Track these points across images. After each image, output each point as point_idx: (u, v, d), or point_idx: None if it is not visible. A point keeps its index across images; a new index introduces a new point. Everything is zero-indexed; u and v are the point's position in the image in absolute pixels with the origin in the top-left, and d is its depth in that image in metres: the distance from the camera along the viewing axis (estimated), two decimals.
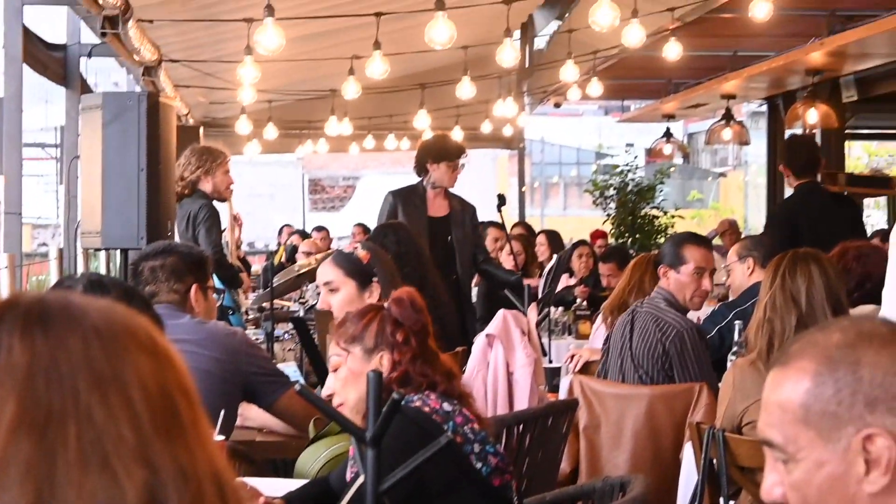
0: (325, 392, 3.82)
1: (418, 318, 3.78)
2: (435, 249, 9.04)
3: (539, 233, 15.16)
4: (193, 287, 4.99)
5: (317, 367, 5.48)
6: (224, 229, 8.88)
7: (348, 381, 3.74)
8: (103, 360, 1.30)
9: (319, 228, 19.08)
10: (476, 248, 9.40)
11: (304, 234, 18.65)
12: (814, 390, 1.95)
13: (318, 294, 10.15)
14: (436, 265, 8.85)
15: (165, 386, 1.33)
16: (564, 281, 12.35)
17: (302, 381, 6.15)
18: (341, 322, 3.86)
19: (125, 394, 1.29)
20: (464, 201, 9.35)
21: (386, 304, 3.84)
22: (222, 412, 4.10)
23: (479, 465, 3.60)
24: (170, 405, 1.32)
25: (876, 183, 12.77)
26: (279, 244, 19.07)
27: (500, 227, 11.88)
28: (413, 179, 9.35)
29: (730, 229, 16.41)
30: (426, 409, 3.60)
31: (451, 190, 9.28)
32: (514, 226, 15.02)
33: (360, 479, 2.95)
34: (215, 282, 5.57)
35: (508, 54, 9.36)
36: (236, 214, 9.25)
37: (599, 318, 8.16)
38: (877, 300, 5.86)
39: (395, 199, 9.15)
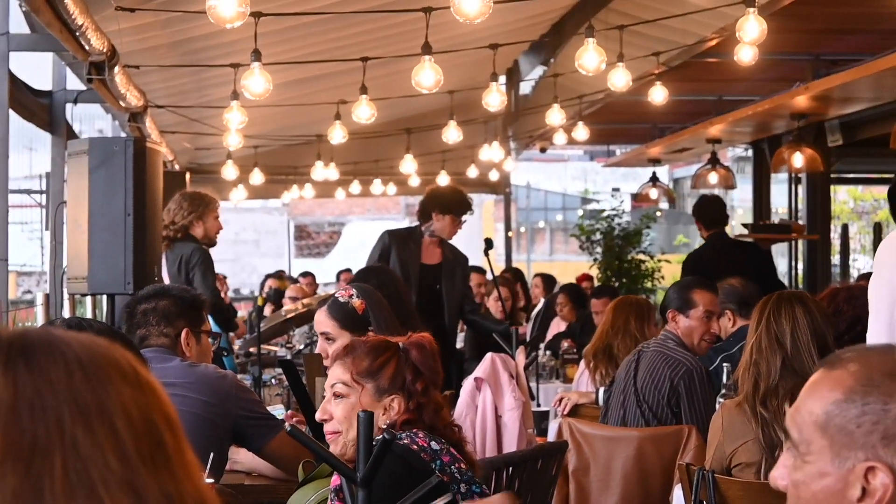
0: (320, 415, 3.79)
1: (436, 367, 3.78)
2: (422, 295, 9.04)
3: (535, 276, 15.20)
4: (184, 331, 4.97)
5: (305, 411, 5.45)
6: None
7: (354, 414, 3.71)
8: (87, 390, 1.29)
9: (305, 274, 19.06)
10: (464, 298, 9.41)
11: (280, 278, 18.60)
12: (841, 404, 1.98)
13: (307, 338, 10.15)
14: (422, 311, 8.88)
15: (149, 415, 1.33)
16: (555, 327, 12.32)
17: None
18: (349, 349, 3.82)
19: (110, 423, 1.28)
20: (457, 251, 9.38)
21: (402, 345, 3.81)
22: (211, 455, 4.08)
23: None
24: (154, 434, 1.32)
25: (777, 229, 14.54)
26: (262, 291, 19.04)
27: (484, 272, 11.88)
28: (399, 224, 9.37)
29: None
30: (414, 446, 3.58)
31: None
32: (503, 272, 15.02)
33: None
34: (212, 325, 5.52)
35: (494, 98, 9.37)
36: (222, 277, 9.28)
37: (583, 364, 8.15)
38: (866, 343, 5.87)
39: (390, 239, 9.16)
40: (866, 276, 12.01)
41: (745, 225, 14.47)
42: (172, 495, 1.29)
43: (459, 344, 11.27)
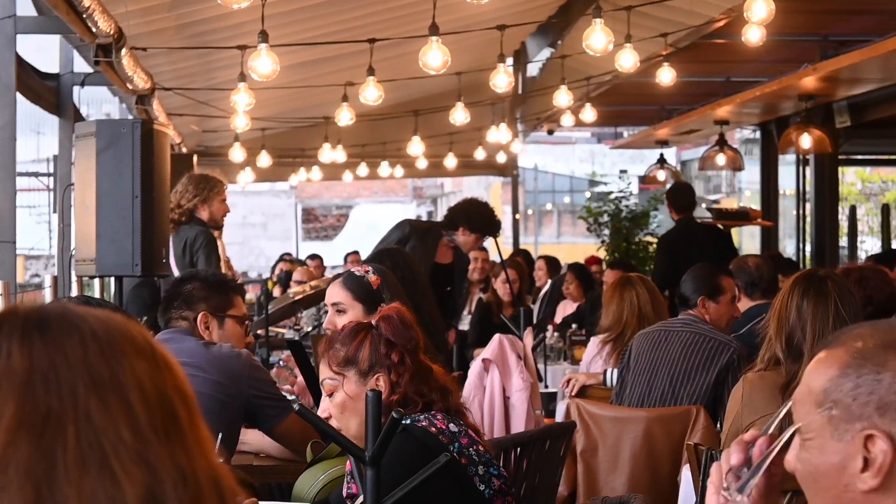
0: (321, 413, 3.78)
1: (410, 334, 3.74)
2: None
3: (539, 258, 15.18)
4: (201, 314, 4.98)
5: (314, 391, 5.45)
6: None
7: (346, 406, 3.68)
8: (101, 364, 1.31)
9: (313, 256, 19.05)
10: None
11: (292, 261, 18.62)
12: (837, 380, 2.02)
13: (314, 320, 10.16)
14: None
15: (163, 389, 1.34)
16: (562, 308, 12.31)
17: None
18: (329, 343, 3.81)
19: (123, 396, 1.30)
20: (465, 257, 9.43)
21: (374, 322, 3.79)
22: (220, 435, 4.08)
23: (482, 487, 3.57)
24: (168, 408, 1.33)
25: (738, 216, 15.41)
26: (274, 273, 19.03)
27: (486, 249, 11.89)
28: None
29: None
30: (433, 429, 3.57)
31: None
32: (514, 255, 15.03)
33: (360, 500, 2.94)
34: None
35: (502, 79, 9.35)
36: (228, 260, 9.24)
37: (592, 346, 8.13)
38: None
39: (410, 231, 9.09)
40: (874, 258, 12.07)
41: (708, 209, 15.57)
42: (185, 469, 1.30)
43: (464, 326, 11.27)
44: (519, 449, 5.19)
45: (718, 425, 6.01)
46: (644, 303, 7.66)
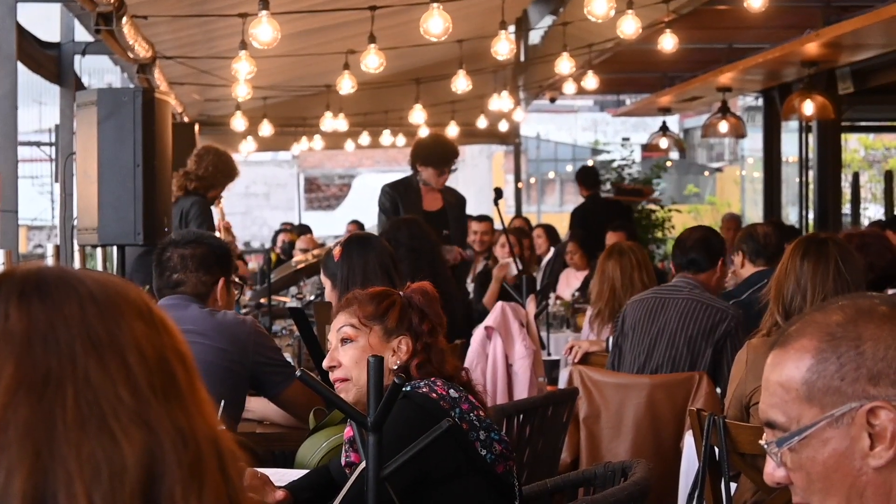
0: (327, 362, 3.79)
1: (438, 311, 3.79)
2: None
3: (536, 226, 15.15)
4: (221, 280, 4.99)
5: (317, 359, 5.46)
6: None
7: (364, 359, 3.70)
8: (100, 325, 1.31)
9: (303, 231, 19.07)
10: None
11: (291, 230, 18.61)
12: (816, 367, 1.94)
13: (317, 288, 10.17)
14: None
15: (161, 351, 1.34)
16: (566, 276, 12.29)
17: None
18: (351, 299, 3.82)
19: (122, 357, 1.30)
20: (456, 193, 9.37)
21: (402, 293, 3.82)
22: (222, 403, 4.08)
23: (483, 452, 3.57)
24: (166, 369, 1.34)
25: (634, 192, 18.22)
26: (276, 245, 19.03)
27: (491, 220, 11.87)
28: (406, 176, 9.38)
29: (731, 224, 16.36)
30: (433, 395, 3.58)
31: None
32: (513, 220, 15.04)
33: (363, 465, 2.94)
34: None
35: (504, 46, 9.33)
36: (228, 224, 9.23)
37: (591, 315, 8.13)
38: (880, 291, 5.88)
39: (393, 191, 9.15)
40: (878, 224, 12.06)
41: (609, 187, 18.16)
42: (184, 430, 1.31)
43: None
44: (521, 415, 5.20)
45: (718, 391, 6.03)
46: (616, 280, 7.65)
